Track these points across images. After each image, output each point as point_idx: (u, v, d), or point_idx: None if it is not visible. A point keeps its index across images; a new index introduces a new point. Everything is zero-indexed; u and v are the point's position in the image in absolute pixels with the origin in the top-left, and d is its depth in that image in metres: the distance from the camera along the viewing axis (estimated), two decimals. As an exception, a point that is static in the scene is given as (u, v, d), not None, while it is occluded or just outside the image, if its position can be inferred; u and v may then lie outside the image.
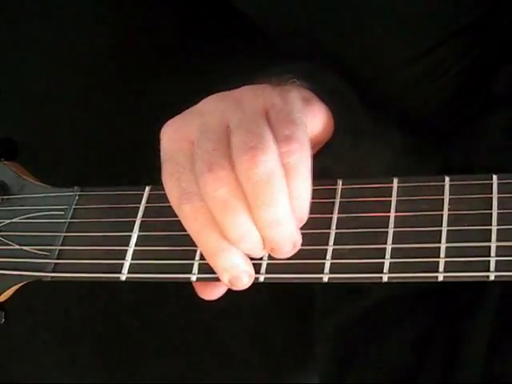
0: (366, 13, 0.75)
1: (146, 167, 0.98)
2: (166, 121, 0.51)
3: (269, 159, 0.46)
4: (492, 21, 0.75)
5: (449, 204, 0.48)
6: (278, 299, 0.46)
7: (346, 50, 0.77)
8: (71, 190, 0.55)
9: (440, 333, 0.66)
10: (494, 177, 0.48)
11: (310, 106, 0.52)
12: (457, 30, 0.74)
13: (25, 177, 0.57)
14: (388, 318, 0.68)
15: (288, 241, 0.48)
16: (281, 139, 0.48)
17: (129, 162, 0.97)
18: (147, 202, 0.53)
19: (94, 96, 0.99)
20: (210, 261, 0.49)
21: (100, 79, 1.00)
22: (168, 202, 0.50)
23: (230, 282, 0.49)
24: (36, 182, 0.57)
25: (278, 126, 0.48)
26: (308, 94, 0.53)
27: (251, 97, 0.51)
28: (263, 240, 0.48)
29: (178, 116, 0.52)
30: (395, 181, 0.49)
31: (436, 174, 0.50)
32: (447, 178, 0.49)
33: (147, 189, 0.53)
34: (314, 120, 0.52)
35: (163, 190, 0.51)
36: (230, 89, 0.52)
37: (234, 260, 0.48)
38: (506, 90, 0.71)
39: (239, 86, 0.52)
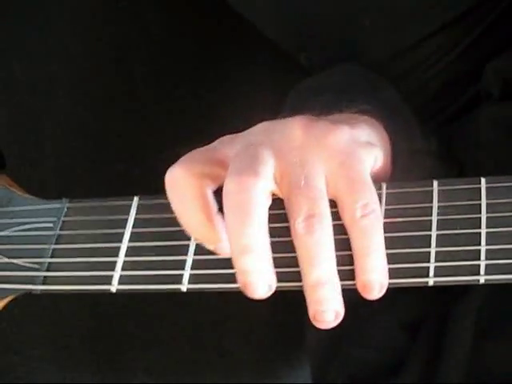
0: (353, 5, 0.75)
1: (138, 165, 0.98)
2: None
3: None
4: (480, 13, 0.75)
5: (438, 209, 0.48)
6: (272, 297, 0.46)
7: (335, 42, 0.77)
8: (59, 201, 0.55)
9: (430, 316, 0.66)
10: (483, 180, 0.48)
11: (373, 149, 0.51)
12: (444, 24, 0.74)
13: (12, 189, 0.57)
14: (383, 301, 0.68)
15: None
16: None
17: (122, 161, 0.97)
18: (136, 213, 0.53)
19: (86, 94, 0.99)
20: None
21: (94, 77, 0.99)
22: (157, 212, 0.50)
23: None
24: (24, 194, 0.56)
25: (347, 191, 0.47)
26: (372, 136, 0.52)
27: (314, 148, 0.48)
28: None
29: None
30: (383, 186, 0.49)
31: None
32: (435, 183, 0.49)
33: (136, 199, 0.53)
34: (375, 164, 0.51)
35: (152, 200, 0.51)
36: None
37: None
38: (493, 85, 0.71)
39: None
